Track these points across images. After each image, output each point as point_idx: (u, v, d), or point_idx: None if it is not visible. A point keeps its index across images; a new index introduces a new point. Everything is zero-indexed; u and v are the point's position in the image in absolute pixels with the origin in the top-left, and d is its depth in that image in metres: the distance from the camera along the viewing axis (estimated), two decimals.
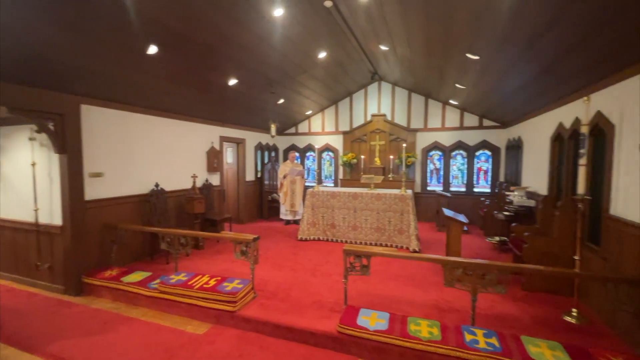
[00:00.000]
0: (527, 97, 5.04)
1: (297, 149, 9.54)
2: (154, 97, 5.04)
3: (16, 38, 2.89)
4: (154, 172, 5.42)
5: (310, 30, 4.61)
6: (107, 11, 2.91)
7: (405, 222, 5.80)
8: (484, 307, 3.54)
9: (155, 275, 4.21)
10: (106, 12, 2.92)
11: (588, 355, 2.54)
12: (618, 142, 3.19)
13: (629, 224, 2.92)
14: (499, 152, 7.62)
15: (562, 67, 3.50)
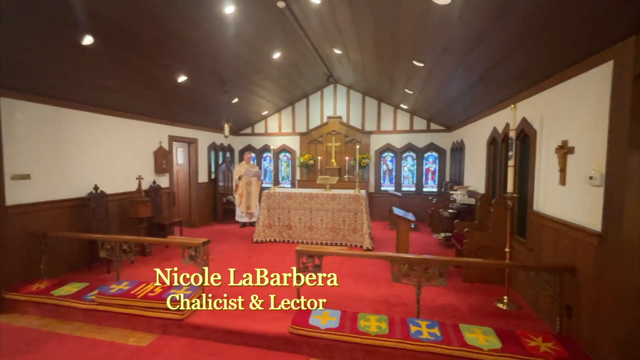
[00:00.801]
0: (467, 103, 5.47)
1: (254, 149, 9.38)
2: (92, 93, 4.64)
3: None
4: (92, 174, 4.99)
5: (263, 30, 4.57)
6: None
7: (359, 221, 5.97)
8: (429, 299, 3.77)
9: (93, 286, 3.87)
10: None
11: (515, 336, 2.82)
12: (539, 146, 3.58)
13: (547, 218, 3.30)
14: (445, 154, 8.17)
15: (493, 77, 3.86)
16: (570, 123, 2.99)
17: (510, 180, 3.62)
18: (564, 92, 3.10)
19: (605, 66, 2.46)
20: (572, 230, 2.86)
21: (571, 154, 2.97)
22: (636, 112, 2.14)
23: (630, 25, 2.10)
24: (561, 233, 3.05)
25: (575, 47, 2.60)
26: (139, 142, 6.02)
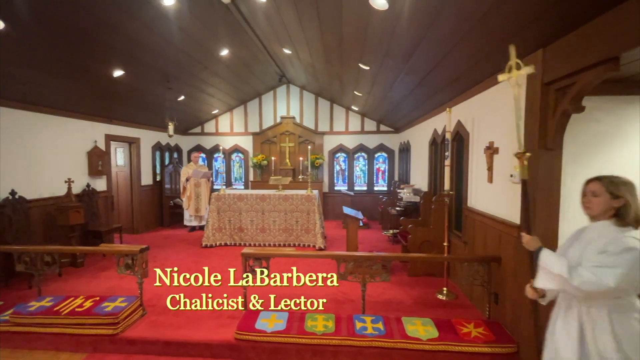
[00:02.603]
0: (411, 106, 5.77)
1: (204, 149, 8.99)
2: (8, 86, 4.08)
3: None
4: (8, 177, 4.39)
5: (209, 25, 4.38)
6: None
7: (311, 221, 6.00)
8: (375, 294, 3.89)
9: (8, 305, 3.43)
10: None
11: (450, 324, 3.02)
12: (472, 147, 3.89)
13: (478, 213, 3.59)
14: (394, 155, 8.54)
15: (431, 82, 4.11)
16: (495, 126, 3.28)
17: (447, 179, 3.88)
18: (490, 97, 3.39)
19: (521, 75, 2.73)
20: (498, 224, 3.14)
21: (496, 154, 3.26)
22: (544, 116, 2.41)
23: (539, 39, 2.36)
24: (489, 226, 3.33)
25: (497, 57, 2.85)
26: (69, 142, 5.44)
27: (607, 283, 1.48)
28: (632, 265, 1.47)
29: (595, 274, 1.50)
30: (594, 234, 1.65)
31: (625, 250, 1.49)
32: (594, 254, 1.58)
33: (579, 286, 1.53)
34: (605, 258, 1.53)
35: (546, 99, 2.41)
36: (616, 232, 1.57)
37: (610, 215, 1.61)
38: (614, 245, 1.53)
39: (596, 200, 1.63)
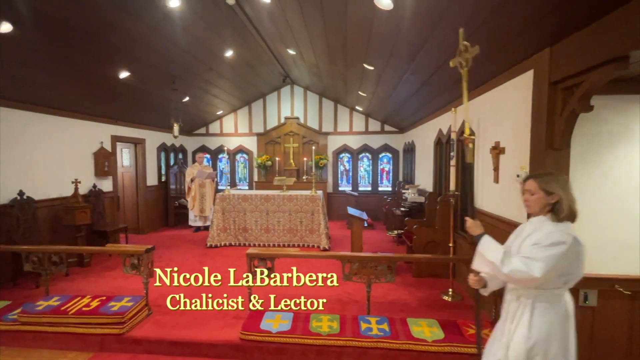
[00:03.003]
0: (416, 106, 5.74)
1: (208, 150, 9.03)
2: (13, 88, 4.14)
3: None
4: (16, 178, 4.45)
5: (213, 26, 4.40)
6: None
7: (315, 221, 6.00)
8: (380, 295, 3.88)
9: (16, 304, 3.46)
10: None
11: (456, 326, 3.00)
12: (478, 146, 3.86)
13: (484, 214, 3.56)
14: (398, 155, 8.51)
15: (436, 82, 4.09)
16: (501, 125, 3.26)
17: (452, 180, 3.86)
18: (496, 97, 3.37)
19: (527, 74, 2.71)
20: (504, 224, 3.11)
21: (503, 154, 3.23)
22: (551, 116, 2.38)
23: (545, 38, 2.33)
24: (495, 227, 3.30)
25: (502, 57, 2.83)
26: (76, 143, 5.50)
27: (534, 273, 1.52)
28: (560, 258, 1.53)
29: (525, 263, 1.55)
30: (531, 229, 1.72)
31: (554, 244, 1.55)
32: (529, 246, 1.63)
33: (509, 274, 1.59)
34: (536, 249, 1.58)
35: (553, 99, 2.38)
36: (551, 227, 1.63)
37: (547, 211, 1.67)
38: (545, 238, 1.58)
39: (533, 198, 1.69)
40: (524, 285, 1.65)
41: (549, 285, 1.60)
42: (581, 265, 1.62)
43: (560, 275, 1.59)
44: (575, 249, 1.57)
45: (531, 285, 1.61)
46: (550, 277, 1.56)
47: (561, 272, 1.58)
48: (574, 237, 1.58)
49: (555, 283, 1.61)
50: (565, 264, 1.56)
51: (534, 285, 1.60)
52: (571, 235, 1.58)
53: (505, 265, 1.60)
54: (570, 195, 1.64)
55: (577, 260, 1.60)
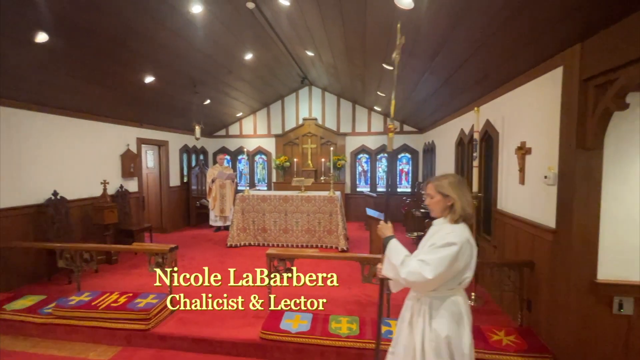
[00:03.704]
0: (436, 106, 5.63)
1: (228, 151, 9.21)
2: (49, 94, 4.38)
3: None
4: (51, 179, 4.71)
5: (234, 30, 4.49)
6: None
7: (334, 222, 5.99)
8: (400, 297, 3.77)
9: (51, 298, 3.65)
10: None
11: (479, 331, 2.91)
12: (501, 147, 3.74)
13: (508, 216, 3.45)
14: (418, 155, 8.37)
15: (457, 81, 4.00)
16: (528, 125, 3.14)
17: (475, 181, 3.75)
18: (522, 95, 3.26)
19: (556, 71, 2.60)
20: (531, 227, 3.00)
21: (529, 154, 3.12)
22: (582, 115, 2.28)
23: (576, 33, 2.24)
24: (521, 230, 3.19)
25: (529, 53, 2.73)
26: (105, 145, 5.75)
27: (426, 275, 1.55)
28: (451, 259, 1.55)
29: (420, 265, 1.58)
30: (434, 230, 1.76)
31: (446, 245, 1.57)
32: (427, 247, 1.66)
33: (406, 277, 1.62)
34: (430, 251, 1.61)
35: (584, 97, 2.28)
36: (448, 228, 1.65)
37: (447, 213, 1.70)
38: (441, 239, 1.61)
39: (432, 201, 1.75)
40: (421, 289, 1.67)
41: (443, 286, 1.64)
42: (473, 266, 1.65)
43: (454, 277, 1.61)
44: (467, 250, 1.60)
45: (427, 288, 1.63)
46: (444, 279, 1.59)
47: (454, 274, 1.60)
48: (466, 238, 1.61)
49: (450, 284, 1.64)
50: (458, 265, 1.58)
51: (430, 287, 1.63)
52: (464, 236, 1.60)
53: (404, 267, 1.63)
54: (464, 197, 1.68)
55: (470, 261, 1.63)
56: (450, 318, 1.65)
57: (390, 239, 1.81)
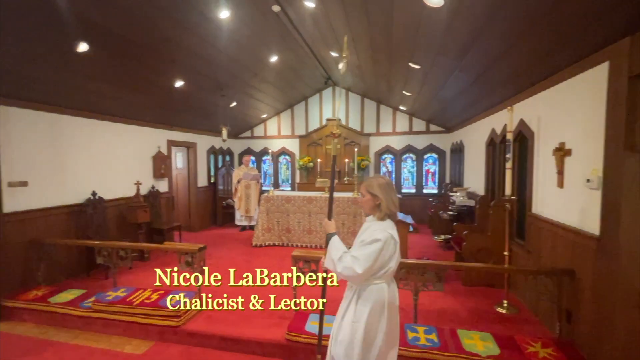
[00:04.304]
0: (465, 104, 5.44)
1: (253, 152, 9.38)
2: (88, 99, 4.65)
3: None
4: (90, 180, 4.99)
5: (260, 34, 4.56)
6: (23, 6, 2.63)
7: (358, 224, 5.93)
8: (427, 303, 3.72)
9: (90, 293, 3.86)
10: (22, 6, 2.64)
11: (513, 342, 2.78)
12: (537, 148, 3.55)
13: (545, 221, 3.26)
14: (445, 155, 8.12)
15: (489, 78, 3.83)
16: (567, 125, 2.96)
17: (508, 183, 3.59)
18: (561, 93, 3.07)
19: (601, 67, 2.43)
20: (570, 234, 2.82)
21: (569, 156, 2.93)
22: (631, 114, 2.10)
23: (625, 26, 2.07)
24: (559, 236, 3.01)
25: (570, 48, 2.57)
26: (138, 147, 6.03)
27: (357, 270, 1.73)
28: (377, 253, 1.74)
29: (352, 261, 1.75)
30: (364, 227, 1.93)
31: (373, 241, 1.75)
32: (358, 244, 1.84)
33: (341, 271, 1.79)
34: (361, 247, 1.79)
35: (634, 94, 2.11)
36: (376, 225, 1.84)
37: (375, 211, 1.88)
38: (369, 236, 1.79)
39: (363, 200, 1.91)
40: (354, 281, 1.85)
41: (373, 278, 1.82)
42: (396, 258, 1.84)
43: (380, 269, 1.79)
44: (391, 244, 1.78)
45: (359, 280, 1.81)
46: (373, 271, 1.77)
47: (380, 266, 1.78)
48: (390, 234, 1.78)
49: (379, 274, 1.81)
50: (384, 257, 1.77)
51: (361, 280, 1.80)
52: (388, 232, 1.78)
53: (340, 262, 1.79)
54: (389, 198, 1.85)
55: (394, 254, 1.81)
56: (374, 304, 1.81)
57: (333, 235, 1.95)
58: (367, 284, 1.83)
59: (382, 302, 1.83)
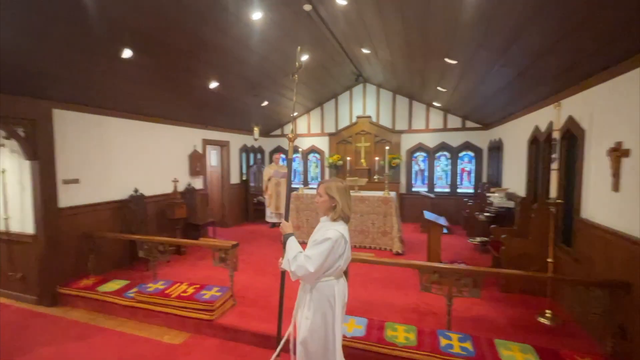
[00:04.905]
0: (506, 100, 5.13)
1: (283, 150, 9.49)
2: (131, 101, 4.93)
3: None
4: (133, 177, 5.31)
5: (291, 33, 4.58)
6: (74, 17, 2.83)
7: (388, 224, 5.83)
8: (462, 309, 3.58)
9: (132, 284, 4.13)
10: (73, 18, 2.84)
11: (558, 357, 2.59)
12: (588, 147, 3.26)
13: (597, 227, 3.00)
14: (482, 154, 7.73)
15: (535, 72, 3.57)
16: (625, 122, 2.68)
17: (553, 185, 3.34)
18: (618, 88, 2.79)
19: None
20: (627, 242, 2.57)
21: (626, 157, 2.66)
22: None
23: None
24: (613, 244, 2.75)
25: (630, 38, 2.32)
26: (175, 146, 6.32)
27: (309, 268, 1.83)
28: (328, 252, 1.83)
29: (305, 260, 1.85)
30: (318, 227, 2.01)
31: (324, 240, 1.85)
32: (311, 244, 1.92)
33: (295, 270, 1.88)
34: (313, 247, 1.88)
35: None
36: (329, 225, 1.93)
37: (330, 212, 1.97)
38: (322, 235, 1.88)
39: (320, 200, 1.99)
40: (307, 280, 1.94)
41: (324, 276, 1.91)
42: (346, 257, 1.93)
43: (329, 267, 1.88)
44: (341, 243, 1.88)
45: (312, 278, 1.91)
46: (325, 269, 1.87)
47: (330, 264, 1.87)
48: (341, 233, 1.88)
49: (330, 272, 1.91)
50: (334, 256, 1.87)
51: (314, 278, 1.90)
52: (339, 232, 1.88)
53: (295, 261, 1.88)
54: (345, 201, 1.95)
55: (343, 252, 1.91)
56: (325, 300, 1.93)
57: (290, 236, 2.02)
58: (317, 281, 1.93)
59: (333, 297, 1.94)
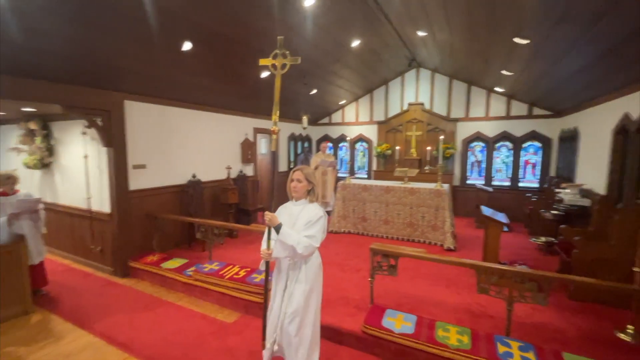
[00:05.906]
0: (586, 83, 4.48)
1: (330, 139, 9.45)
2: (190, 92, 5.22)
3: (65, 43, 3.11)
4: (191, 164, 5.67)
5: (343, 18, 4.44)
6: (139, 13, 3.01)
7: (440, 218, 5.54)
8: (522, 314, 3.29)
9: (191, 263, 4.45)
10: (139, 14, 3.02)
11: None
12: None
13: None
14: (551, 144, 6.93)
15: (628, 50, 3.03)
16: None
17: None
18: None
19: None
20: None
21: None
22: None
23: None
24: None
25: None
26: (229, 135, 6.60)
27: (315, 245, 2.17)
28: (324, 226, 2.24)
29: (309, 240, 2.15)
30: (299, 209, 2.31)
31: (319, 218, 2.21)
32: (303, 225, 2.21)
33: (302, 252, 2.12)
34: (311, 226, 2.19)
35: None
36: (312, 206, 2.30)
37: (306, 195, 2.33)
38: (314, 215, 2.22)
39: (300, 185, 2.30)
40: (308, 256, 2.22)
41: None
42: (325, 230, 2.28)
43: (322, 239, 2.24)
44: (326, 219, 2.27)
45: (313, 253, 2.25)
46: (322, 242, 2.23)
47: (324, 237, 2.25)
48: (324, 210, 2.28)
49: None
50: (325, 231, 2.26)
51: (313, 253, 2.25)
52: (322, 209, 2.28)
53: (300, 245, 2.11)
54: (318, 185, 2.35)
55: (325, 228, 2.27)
56: (317, 268, 2.33)
57: (281, 225, 2.17)
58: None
59: (319, 264, 2.36)
